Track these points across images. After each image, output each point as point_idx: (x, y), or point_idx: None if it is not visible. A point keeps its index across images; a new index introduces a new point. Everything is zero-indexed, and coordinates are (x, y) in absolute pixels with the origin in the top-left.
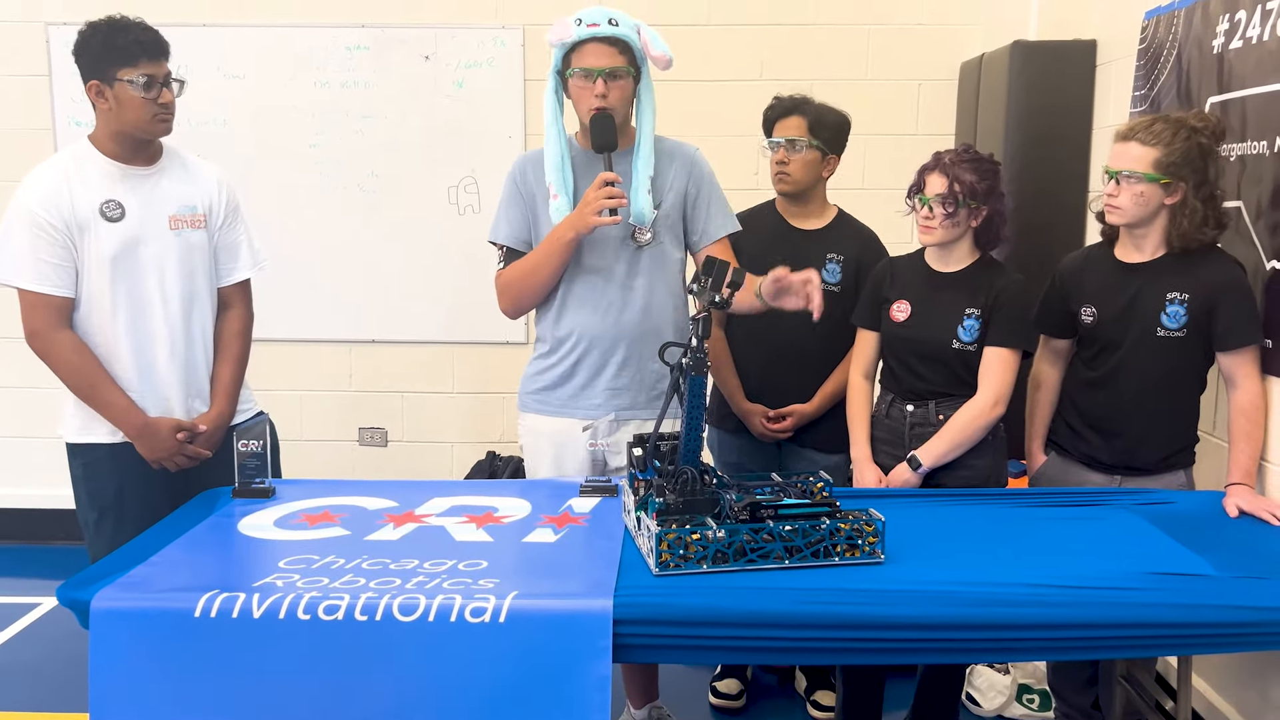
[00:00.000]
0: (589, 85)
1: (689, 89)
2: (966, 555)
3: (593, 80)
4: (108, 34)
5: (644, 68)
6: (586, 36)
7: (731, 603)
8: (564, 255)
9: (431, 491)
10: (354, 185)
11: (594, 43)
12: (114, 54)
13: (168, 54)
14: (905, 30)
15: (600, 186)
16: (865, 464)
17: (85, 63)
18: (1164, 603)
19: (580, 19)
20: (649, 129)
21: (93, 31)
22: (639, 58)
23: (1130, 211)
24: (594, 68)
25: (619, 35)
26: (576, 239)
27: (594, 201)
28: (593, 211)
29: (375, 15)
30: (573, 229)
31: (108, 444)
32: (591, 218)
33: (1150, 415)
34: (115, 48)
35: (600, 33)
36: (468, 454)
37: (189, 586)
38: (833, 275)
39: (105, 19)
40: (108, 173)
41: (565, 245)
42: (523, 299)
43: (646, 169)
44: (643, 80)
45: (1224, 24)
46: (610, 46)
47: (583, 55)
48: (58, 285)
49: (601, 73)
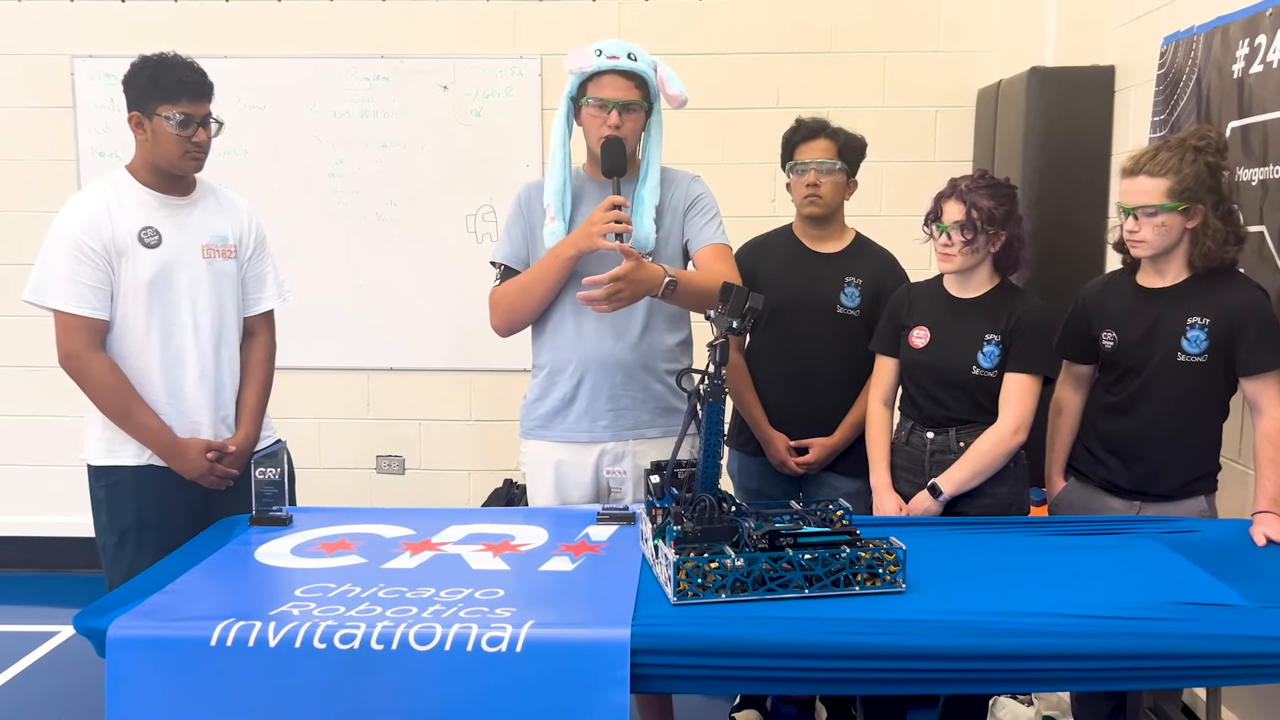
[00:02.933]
0: (603, 115)
1: (706, 117)
2: (989, 584)
3: (607, 111)
4: (156, 70)
5: (656, 103)
6: (605, 68)
7: (750, 632)
8: (562, 272)
9: (448, 519)
10: (373, 214)
11: (612, 75)
12: (157, 90)
13: (210, 96)
14: (922, 57)
15: (608, 209)
16: (885, 491)
17: (131, 93)
18: (1191, 633)
19: (600, 50)
20: (656, 160)
21: (143, 65)
22: (653, 93)
23: (1155, 243)
24: (610, 99)
25: (637, 70)
26: (577, 256)
27: (600, 223)
28: (599, 233)
29: (394, 46)
30: (574, 246)
31: (132, 466)
32: (597, 239)
33: (1171, 441)
34: (159, 84)
35: (619, 66)
36: (485, 482)
37: (205, 615)
38: (851, 299)
39: (157, 55)
40: (145, 201)
41: (565, 262)
42: (515, 314)
43: (653, 198)
44: (654, 115)
45: (1244, 48)
46: (627, 80)
47: (600, 86)
48: (95, 308)
49: (617, 105)
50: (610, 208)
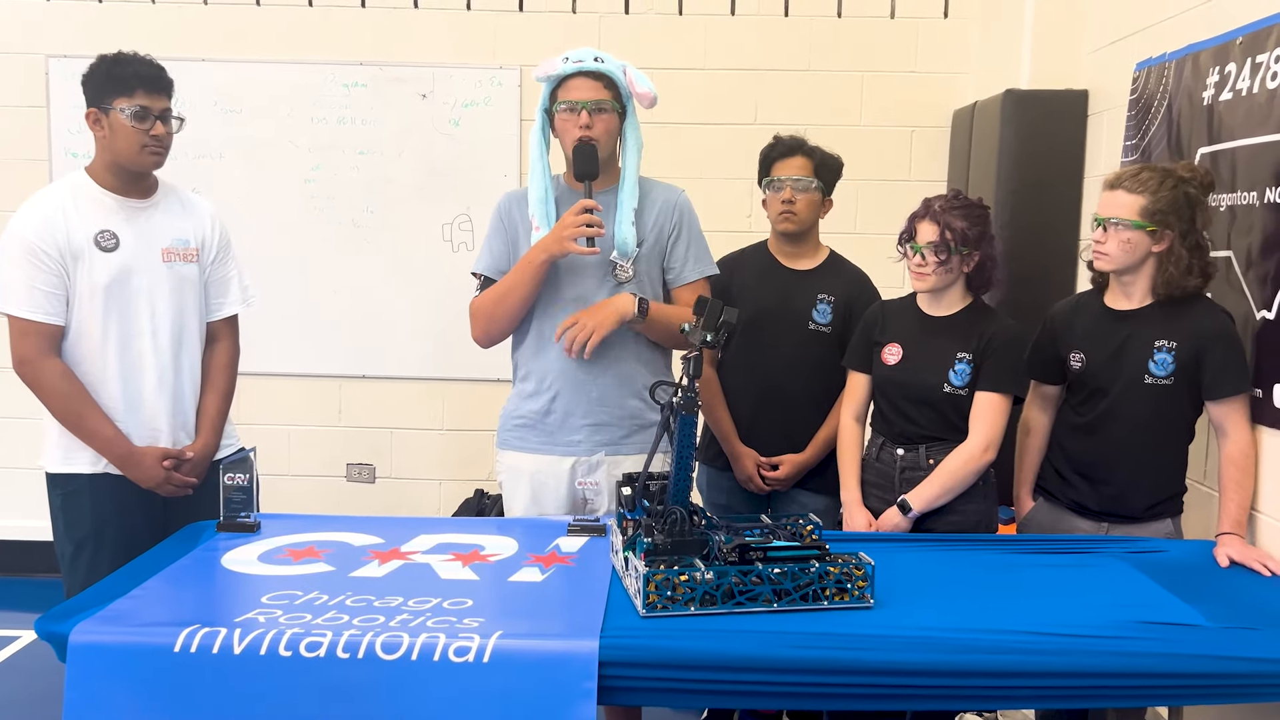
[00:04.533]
0: (574, 118)
1: (684, 131)
2: (956, 601)
3: (577, 112)
4: (111, 65)
5: (629, 105)
6: (572, 71)
7: (719, 646)
8: (536, 278)
9: (418, 528)
10: (348, 221)
11: (579, 77)
12: (113, 83)
13: (169, 90)
14: (898, 78)
15: (579, 213)
16: (855, 507)
17: (89, 91)
18: (1154, 652)
19: (567, 56)
20: (634, 164)
21: (100, 62)
22: (624, 95)
23: (1117, 258)
24: (579, 100)
25: (604, 70)
26: (549, 261)
27: (570, 226)
28: (569, 236)
29: (373, 53)
30: (545, 251)
31: (88, 474)
32: (568, 243)
33: (1138, 462)
34: (114, 78)
35: (585, 68)
36: (456, 491)
37: (169, 621)
38: (823, 315)
39: (115, 52)
40: (103, 203)
41: (537, 268)
42: (493, 324)
43: (631, 201)
44: (628, 118)
45: (1214, 76)
46: (595, 81)
47: (568, 89)
48: (49, 313)
49: (586, 105)
50: (580, 211)
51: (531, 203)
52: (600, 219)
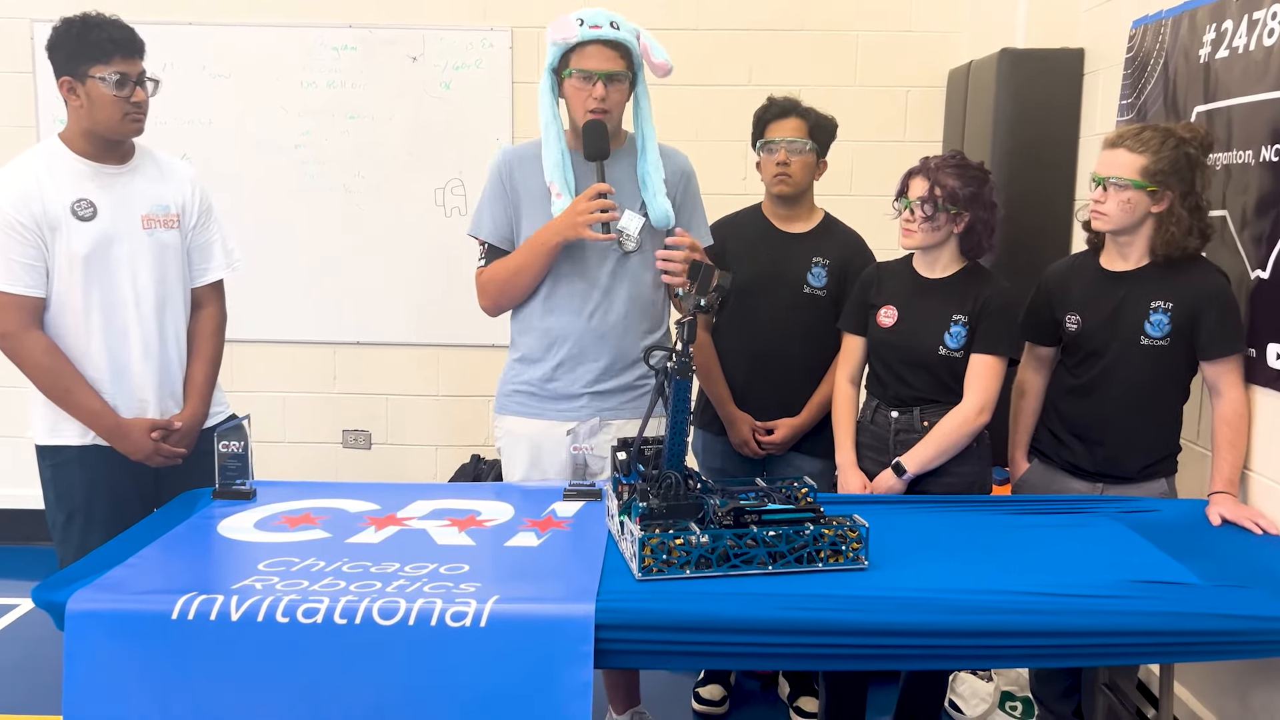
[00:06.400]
0: (587, 87)
1: (677, 93)
2: (950, 562)
3: (592, 83)
4: (82, 30)
5: (640, 73)
6: (589, 38)
7: (714, 608)
8: (548, 260)
9: (414, 494)
10: (340, 186)
11: (596, 45)
12: (87, 50)
13: (143, 52)
14: (894, 37)
15: (592, 197)
16: (850, 470)
17: (59, 58)
18: (1147, 610)
19: (583, 19)
20: (651, 133)
21: (67, 27)
22: (637, 63)
23: (1116, 218)
24: (595, 70)
25: (620, 39)
26: (562, 245)
27: (585, 213)
28: (584, 223)
29: (362, 16)
30: (559, 235)
31: (77, 446)
32: (583, 229)
33: (1133, 423)
34: (89, 44)
35: (603, 35)
36: (452, 457)
37: (167, 588)
38: (818, 279)
39: (81, 15)
40: (79, 171)
41: (550, 250)
42: (503, 299)
43: (658, 172)
44: (639, 85)
45: (1210, 34)
46: (612, 50)
47: (583, 57)
48: (29, 285)
49: (602, 76)
50: (594, 196)
51: (548, 169)
52: (614, 203)
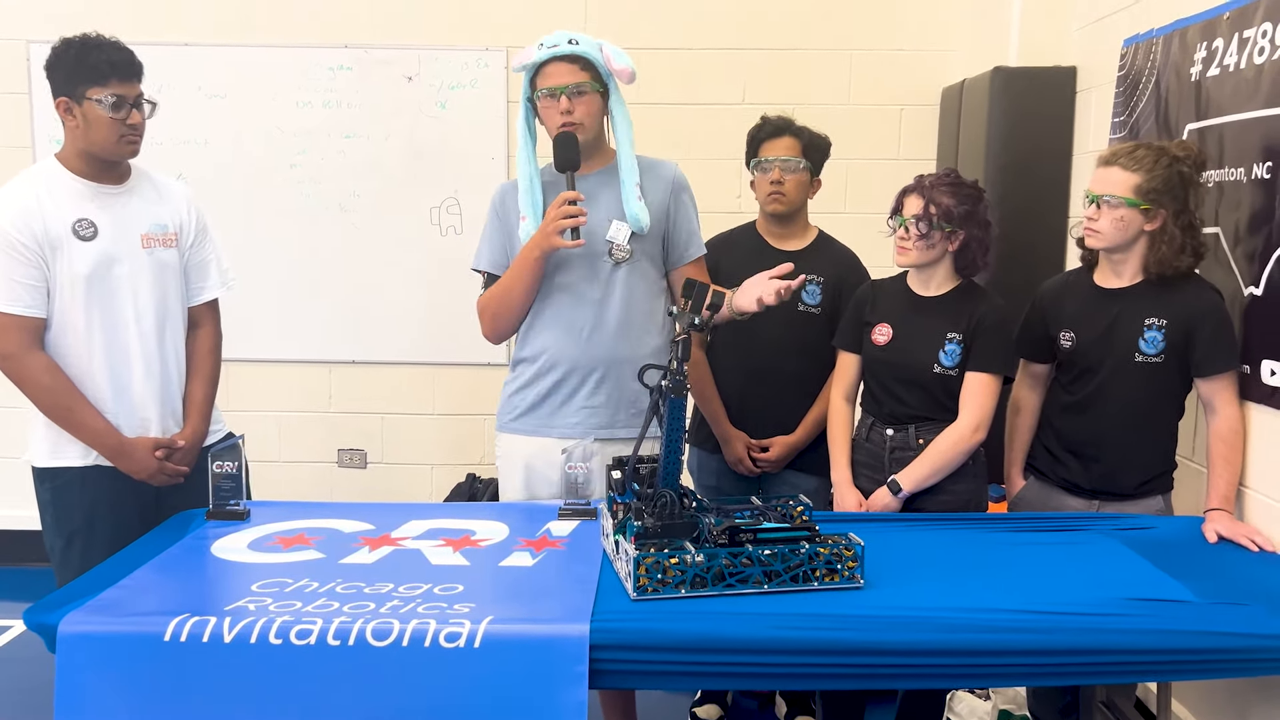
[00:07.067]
0: (555, 104)
1: (671, 112)
2: (946, 580)
3: (557, 98)
4: (80, 51)
5: (611, 84)
6: (547, 57)
7: (710, 628)
8: (533, 274)
9: (408, 514)
10: (335, 205)
11: (555, 62)
12: (85, 72)
13: (140, 75)
14: (887, 56)
15: (560, 205)
16: (845, 487)
17: (56, 79)
18: (1143, 629)
19: (542, 43)
20: (627, 141)
21: (65, 48)
22: (604, 74)
23: (1110, 236)
24: (558, 86)
25: (579, 53)
26: (542, 257)
27: (554, 220)
28: (554, 231)
29: (358, 36)
30: (538, 248)
31: (78, 467)
32: (554, 237)
33: (1128, 440)
34: (87, 65)
35: (560, 51)
36: (447, 476)
37: (159, 610)
38: (812, 297)
39: (79, 36)
40: (78, 191)
41: (532, 264)
42: (500, 321)
43: (632, 178)
44: (613, 96)
45: (1201, 52)
46: (572, 64)
47: (546, 76)
48: (30, 306)
49: (565, 90)
50: (562, 204)
51: (520, 193)
52: (583, 209)
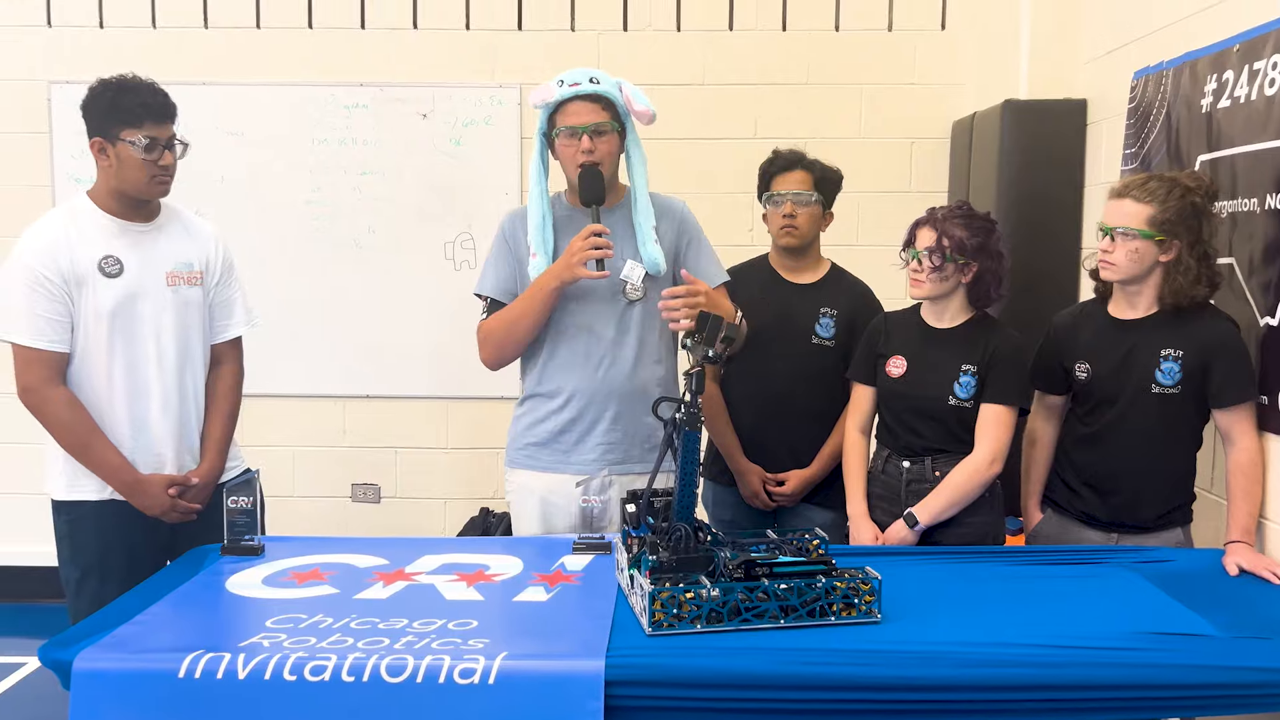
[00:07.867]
0: (574, 143)
1: (684, 147)
2: (964, 614)
3: (578, 137)
4: (116, 93)
5: (628, 123)
6: (569, 96)
7: (726, 663)
8: (546, 305)
9: (422, 549)
10: (350, 241)
11: (577, 101)
12: (120, 114)
13: (174, 117)
14: (898, 90)
15: (586, 237)
16: (862, 520)
17: (92, 119)
18: (1164, 663)
19: (562, 80)
20: (642, 182)
21: (103, 89)
22: (622, 113)
23: (1125, 268)
24: (578, 125)
25: (601, 92)
26: (560, 289)
27: (579, 251)
28: (578, 261)
29: (374, 74)
30: (557, 279)
31: (94, 501)
32: (578, 268)
33: (1146, 472)
34: (121, 108)
35: (582, 90)
36: (461, 510)
37: (173, 646)
38: (826, 330)
39: (116, 78)
40: (106, 228)
41: (548, 294)
42: (504, 348)
43: (648, 220)
44: (629, 136)
45: (1212, 84)
46: (593, 104)
47: (566, 114)
48: (53, 340)
49: (586, 129)
50: (588, 235)
51: (530, 229)
52: (609, 241)
